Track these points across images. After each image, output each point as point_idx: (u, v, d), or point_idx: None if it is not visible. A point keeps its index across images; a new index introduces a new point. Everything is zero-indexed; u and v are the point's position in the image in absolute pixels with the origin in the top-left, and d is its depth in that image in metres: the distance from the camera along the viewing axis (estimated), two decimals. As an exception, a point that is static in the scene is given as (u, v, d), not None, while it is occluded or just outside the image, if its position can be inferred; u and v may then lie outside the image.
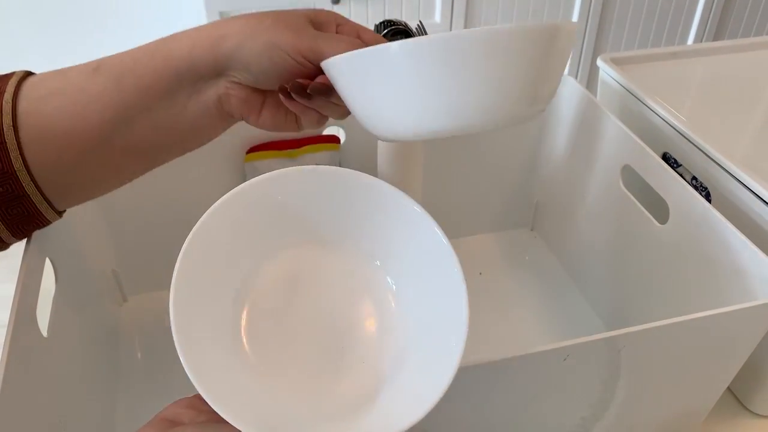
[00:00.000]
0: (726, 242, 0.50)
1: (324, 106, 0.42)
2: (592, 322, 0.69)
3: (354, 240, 0.41)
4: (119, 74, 0.41)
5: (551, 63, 0.37)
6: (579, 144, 0.68)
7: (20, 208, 0.42)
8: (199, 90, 0.42)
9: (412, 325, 0.40)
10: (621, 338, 0.42)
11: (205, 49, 0.40)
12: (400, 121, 0.37)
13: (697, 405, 0.53)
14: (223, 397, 0.33)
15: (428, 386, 0.35)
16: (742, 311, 0.44)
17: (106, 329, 0.64)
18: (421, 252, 0.39)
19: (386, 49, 0.35)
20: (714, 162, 0.58)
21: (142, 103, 0.41)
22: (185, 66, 0.41)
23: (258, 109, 0.44)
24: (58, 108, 0.40)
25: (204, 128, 0.44)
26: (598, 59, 0.72)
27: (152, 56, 0.41)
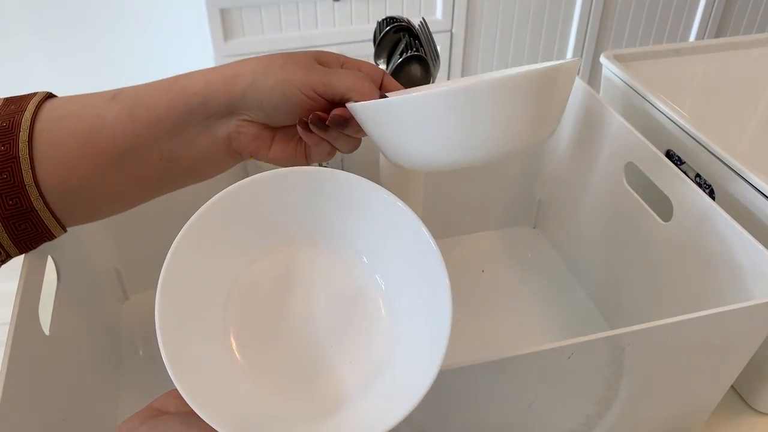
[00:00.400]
0: (730, 240, 0.50)
1: (338, 138, 0.44)
2: (595, 320, 0.69)
3: (342, 239, 0.41)
4: (134, 105, 0.43)
5: (554, 99, 0.40)
6: (582, 141, 0.68)
7: (28, 224, 0.43)
8: (209, 127, 0.44)
9: (399, 325, 0.40)
10: (625, 336, 0.42)
11: (219, 86, 0.42)
12: (421, 156, 0.41)
13: (701, 403, 0.53)
14: (199, 392, 0.33)
15: (412, 386, 0.35)
16: (746, 309, 0.43)
17: (108, 327, 0.64)
18: (408, 251, 0.39)
19: (406, 101, 0.39)
20: (718, 159, 0.58)
21: (153, 134, 0.43)
22: (198, 102, 0.42)
23: (268, 146, 0.45)
24: (73, 130, 0.42)
25: (211, 164, 0.46)
26: (602, 56, 0.72)
27: (167, 90, 0.43)
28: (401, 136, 0.40)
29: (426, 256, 0.38)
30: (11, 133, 0.41)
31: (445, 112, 0.38)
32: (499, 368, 0.41)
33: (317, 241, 0.41)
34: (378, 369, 0.39)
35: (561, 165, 0.72)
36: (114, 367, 0.62)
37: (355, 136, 0.44)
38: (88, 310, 0.57)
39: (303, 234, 0.41)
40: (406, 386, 0.36)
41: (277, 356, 0.39)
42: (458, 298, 0.73)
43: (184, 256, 0.37)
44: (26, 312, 0.44)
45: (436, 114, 0.38)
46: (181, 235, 0.37)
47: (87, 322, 0.57)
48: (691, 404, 0.53)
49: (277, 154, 0.46)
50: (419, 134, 0.40)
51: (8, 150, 0.41)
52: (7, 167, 0.41)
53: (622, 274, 0.65)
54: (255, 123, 0.44)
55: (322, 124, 0.42)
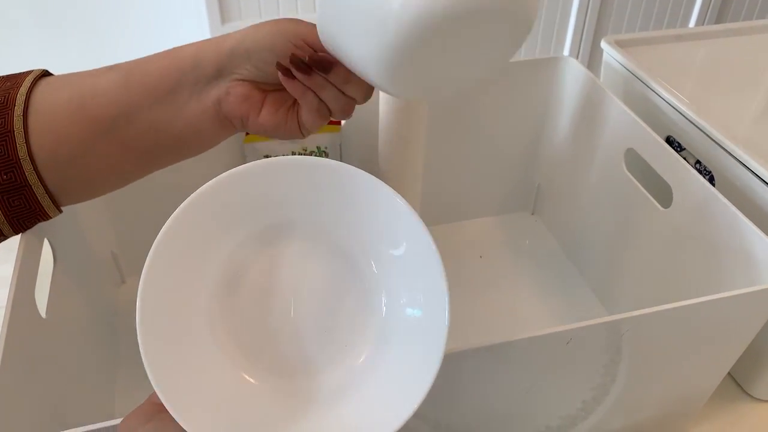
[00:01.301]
0: (730, 226, 0.50)
1: (323, 87, 0.43)
2: (594, 306, 0.69)
3: (336, 229, 0.40)
4: (129, 72, 0.43)
5: None
6: (581, 127, 0.68)
7: (21, 200, 0.43)
8: (200, 92, 0.43)
9: (395, 316, 0.39)
10: (624, 322, 0.42)
11: (210, 48, 0.43)
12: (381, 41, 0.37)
13: (698, 389, 0.53)
14: (181, 395, 0.33)
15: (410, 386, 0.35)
16: (745, 296, 0.43)
17: (105, 311, 0.63)
18: (403, 242, 0.38)
19: None
20: (718, 145, 0.58)
21: (145, 101, 0.43)
22: (189, 65, 0.43)
23: (258, 109, 0.44)
24: (67, 99, 0.43)
25: (201, 132, 0.45)
26: (602, 41, 0.71)
27: (161, 57, 0.44)
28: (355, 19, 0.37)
29: (421, 246, 0.37)
30: (6, 107, 0.41)
31: None
32: (496, 353, 0.41)
33: (309, 232, 0.40)
34: (372, 364, 0.38)
35: (560, 151, 0.72)
36: (111, 351, 0.62)
37: (344, 88, 0.43)
38: (84, 293, 0.57)
39: (295, 224, 0.40)
40: (404, 384, 0.36)
41: (268, 351, 0.38)
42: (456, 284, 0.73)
43: (171, 245, 0.36)
44: (22, 295, 0.43)
45: None
46: (169, 222, 0.35)
47: (84, 306, 0.56)
48: (688, 390, 0.53)
49: (266, 119, 0.44)
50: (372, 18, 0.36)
51: (3, 124, 0.41)
52: (2, 142, 0.41)
53: (621, 260, 0.65)
54: (245, 82, 0.43)
55: (303, 65, 0.41)
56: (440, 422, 0.46)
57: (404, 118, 0.59)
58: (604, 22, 1.79)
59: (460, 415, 0.47)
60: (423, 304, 0.37)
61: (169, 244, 0.35)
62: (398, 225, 0.37)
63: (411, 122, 0.59)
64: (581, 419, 0.50)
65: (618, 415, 0.52)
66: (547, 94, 0.71)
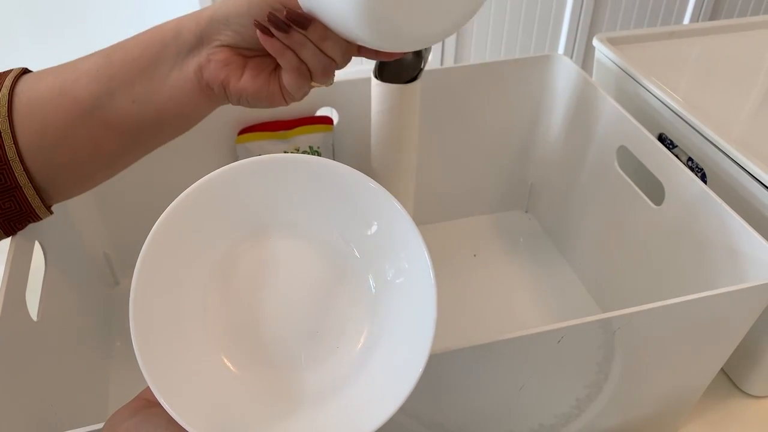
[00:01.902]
0: (721, 223, 0.50)
1: (303, 45, 0.42)
2: (587, 303, 0.69)
3: (325, 226, 0.40)
4: (111, 50, 0.44)
5: None
6: (574, 125, 0.68)
7: (12, 202, 0.43)
8: (182, 62, 0.43)
9: (385, 311, 0.39)
10: (616, 320, 0.42)
11: (190, 18, 0.43)
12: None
13: (691, 386, 0.53)
14: (174, 389, 0.33)
15: (399, 379, 0.35)
16: (736, 293, 0.44)
17: (99, 313, 0.63)
18: (374, 220, 0.38)
19: None
20: (710, 143, 0.58)
21: (127, 76, 0.43)
22: (171, 36, 0.43)
23: (239, 73, 0.44)
24: (49, 87, 0.43)
25: (183, 104, 0.44)
26: (594, 39, 0.71)
27: (142, 33, 0.44)
28: None
29: (409, 241, 0.37)
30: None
31: None
32: (488, 352, 0.41)
33: (298, 228, 0.40)
34: (365, 357, 0.38)
35: (553, 149, 0.72)
36: (105, 353, 0.62)
37: (321, 45, 0.43)
38: (77, 295, 0.57)
39: (285, 221, 0.40)
40: (392, 378, 0.36)
41: (259, 348, 0.38)
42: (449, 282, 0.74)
43: (162, 244, 0.36)
44: (13, 298, 0.43)
45: None
46: (160, 221, 0.36)
47: (76, 308, 0.56)
48: (681, 387, 0.53)
49: (247, 83, 0.44)
50: None
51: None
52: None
53: (614, 257, 0.65)
54: (225, 48, 0.43)
55: (281, 23, 0.41)
56: (434, 421, 0.46)
57: (396, 118, 0.59)
58: (599, 20, 1.79)
59: (453, 414, 0.47)
60: (408, 271, 0.38)
61: (163, 237, 0.36)
62: (368, 204, 0.38)
63: (403, 121, 0.59)
64: (575, 417, 0.51)
65: (612, 413, 0.52)
66: (539, 92, 0.71)
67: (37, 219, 0.45)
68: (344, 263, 0.40)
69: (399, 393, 0.35)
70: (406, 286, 0.38)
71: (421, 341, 0.35)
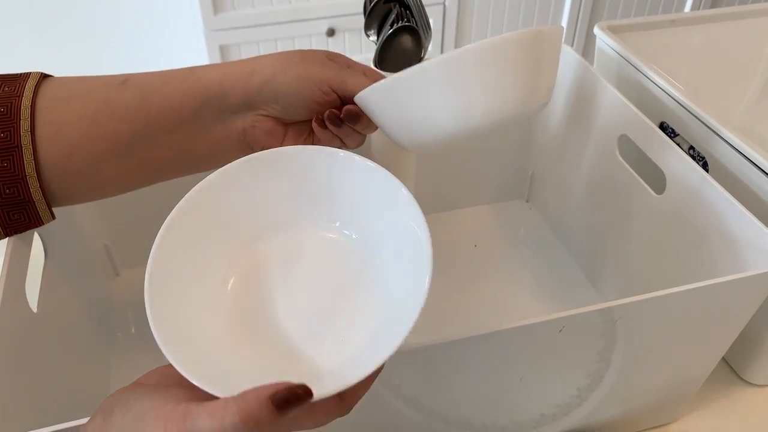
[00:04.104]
0: (723, 212, 0.50)
1: (349, 134, 0.46)
2: (588, 292, 0.69)
3: (328, 213, 0.42)
4: (147, 92, 0.43)
5: (542, 64, 0.42)
6: (575, 113, 0.68)
7: (23, 214, 0.42)
8: (224, 120, 0.44)
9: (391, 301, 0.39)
10: (617, 309, 0.42)
11: (237, 81, 0.43)
12: (421, 133, 0.43)
13: (692, 374, 0.53)
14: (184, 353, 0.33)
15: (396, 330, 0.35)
16: (738, 281, 0.43)
17: (99, 304, 0.63)
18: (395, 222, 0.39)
19: (404, 77, 0.41)
20: (712, 131, 0.57)
21: (165, 123, 0.43)
22: (215, 94, 0.43)
23: (280, 141, 0.46)
24: (78, 112, 0.42)
25: (222, 155, 0.46)
26: (595, 27, 0.71)
27: (183, 80, 0.43)
28: (405, 113, 0.42)
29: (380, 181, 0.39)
30: (11, 120, 0.40)
31: (443, 81, 0.40)
32: (489, 342, 0.41)
33: (307, 221, 0.42)
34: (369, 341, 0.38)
35: (554, 138, 0.72)
36: (105, 345, 0.62)
37: (364, 132, 0.46)
38: (77, 286, 0.57)
39: (292, 214, 0.42)
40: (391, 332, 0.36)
41: (270, 333, 0.39)
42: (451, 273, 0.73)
43: (177, 236, 0.37)
44: (12, 289, 0.43)
45: (435, 84, 0.40)
46: (173, 214, 0.37)
47: (76, 299, 0.56)
48: (682, 376, 0.53)
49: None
50: (422, 107, 0.41)
51: (9, 138, 0.40)
52: (8, 156, 0.40)
53: (615, 247, 0.65)
54: (270, 118, 0.45)
55: (337, 120, 0.44)
56: (434, 411, 0.46)
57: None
58: (600, 8, 1.78)
59: (454, 404, 0.47)
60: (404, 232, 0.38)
61: (175, 235, 0.37)
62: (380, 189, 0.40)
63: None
64: (576, 407, 0.51)
65: (613, 402, 0.52)
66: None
67: (40, 224, 0.45)
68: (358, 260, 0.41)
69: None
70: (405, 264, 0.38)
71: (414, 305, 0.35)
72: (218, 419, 0.28)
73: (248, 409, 0.28)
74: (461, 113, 0.41)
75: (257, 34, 1.56)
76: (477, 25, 1.72)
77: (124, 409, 0.31)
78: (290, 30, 1.57)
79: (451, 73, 0.40)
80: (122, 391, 0.33)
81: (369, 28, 0.60)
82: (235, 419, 0.28)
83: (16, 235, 0.45)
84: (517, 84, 0.41)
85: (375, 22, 0.59)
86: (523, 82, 0.41)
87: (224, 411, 0.28)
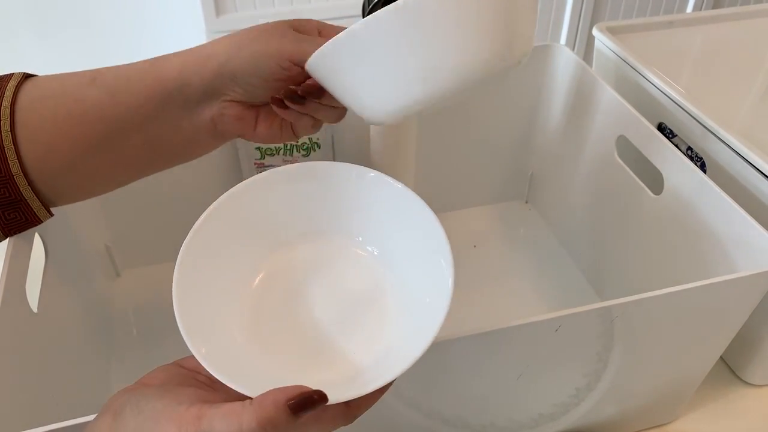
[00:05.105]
0: (721, 213, 0.50)
1: (317, 109, 0.43)
2: (587, 293, 0.69)
3: (347, 227, 0.42)
4: (114, 90, 0.42)
5: (514, 14, 0.37)
6: (574, 115, 0.68)
7: (18, 213, 0.42)
8: (192, 111, 0.43)
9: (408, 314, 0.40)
10: (614, 308, 0.42)
11: (194, 70, 0.41)
12: (386, 98, 0.38)
13: (690, 374, 0.53)
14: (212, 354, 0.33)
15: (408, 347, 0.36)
16: (735, 281, 0.44)
17: (100, 305, 0.63)
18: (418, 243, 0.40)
19: (352, 33, 0.36)
20: (710, 132, 0.58)
21: (135, 119, 0.42)
22: (175, 87, 0.42)
23: (252, 125, 0.45)
24: (53, 112, 0.41)
25: (197, 146, 0.45)
26: (594, 28, 0.71)
27: (143, 76, 0.42)
28: (362, 78, 0.38)
29: (427, 232, 0.39)
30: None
31: (401, 31, 0.35)
32: (486, 341, 0.41)
33: (324, 233, 0.43)
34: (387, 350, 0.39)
35: (553, 139, 0.72)
36: (106, 346, 0.62)
37: (334, 104, 0.43)
38: (77, 287, 0.57)
39: (316, 226, 0.42)
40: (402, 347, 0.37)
41: (290, 338, 0.39)
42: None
43: (204, 240, 0.38)
44: (13, 289, 0.43)
45: (394, 36, 0.35)
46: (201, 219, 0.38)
47: (77, 300, 0.56)
48: (680, 375, 0.53)
49: (263, 133, 0.45)
50: (381, 68, 0.37)
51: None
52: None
53: (614, 247, 0.65)
54: (236, 102, 0.43)
55: (297, 98, 0.41)
56: (432, 409, 0.46)
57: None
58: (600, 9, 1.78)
59: (452, 403, 0.47)
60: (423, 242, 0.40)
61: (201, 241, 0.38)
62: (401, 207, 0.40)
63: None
64: (574, 406, 0.51)
65: (611, 402, 0.52)
66: (539, 82, 0.70)
67: (39, 223, 0.45)
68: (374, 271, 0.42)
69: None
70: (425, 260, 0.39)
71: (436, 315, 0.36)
72: (235, 423, 0.29)
73: (265, 413, 0.29)
74: (428, 71, 0.36)
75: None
76: (478, 26, 1.72)
77: (135, 410, 0.31)
78: (291, 31, 1.58)
79: (411, 21, 0.35)
80: (128, 391, 0.33)
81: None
82: (253, 424, 0.29)
83: (16, 235, 0.46)
84: (489, 28, 0.35)
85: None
86: (496, 24, 0.36)
87: (241, 415, 0.29)
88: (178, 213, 0.52)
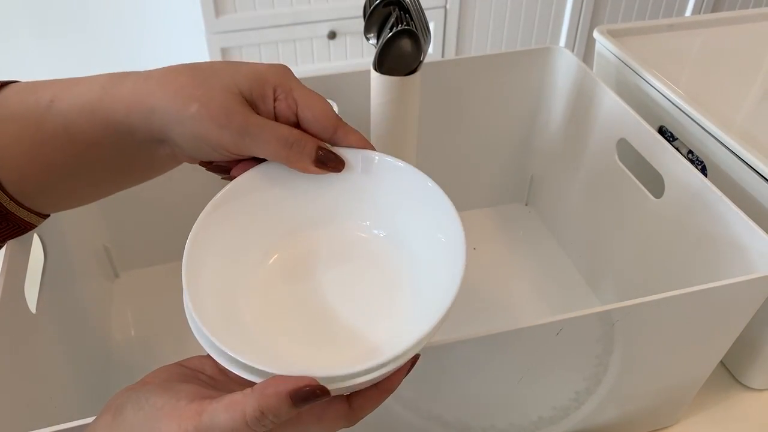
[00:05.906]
0: (721, 216, 0.50)
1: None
2: (587, 296, 0.69)
3: (361, 215, 0.43)
4: (68, 122, 0.40)
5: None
6: (574, 117, 0.68)
7: (8, 223, 0.42)
8: (148, 148, 0.41)
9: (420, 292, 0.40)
10: (614, 312, 0.42)
11: (139, 119, 0.39)
12: None
13: (691, 378, 0.53)
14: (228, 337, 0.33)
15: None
16: (736, 285, 0.43)
17: (98, 305, 0.63)
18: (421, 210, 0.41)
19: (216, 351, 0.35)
20: (710, 135, 0.58)
21: (93, 155, 0.41)
22: (125, 130, 0.40)
23: (210, 160, 0.43)
24: (17, 137, 0.40)
25: (163, 170, 0.44)
26: (595, 31, 0.71)
27: (95, 110, 0.39)
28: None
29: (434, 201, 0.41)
30: None
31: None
32: (488, 344, 0.41)
33: (333, 218, 0.43)
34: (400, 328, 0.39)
35: (553, 141, 0.72)
36: (105, 346, 0.62)
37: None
38: (76, 288, 0.57)
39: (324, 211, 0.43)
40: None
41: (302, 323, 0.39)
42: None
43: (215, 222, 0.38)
44: (12, 290, 0.43)
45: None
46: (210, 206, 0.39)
47: (75, 300, 0.56)
48: (680, 379, 0.53)
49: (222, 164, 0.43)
50: None
51: None
52: None
53: (614, 250, 0.65)
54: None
55: (226, 172, 0.42)
56: (433, 413, 0.46)
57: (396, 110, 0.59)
58: (600, 12, 1.78)
59: (452, 406, 0.47)
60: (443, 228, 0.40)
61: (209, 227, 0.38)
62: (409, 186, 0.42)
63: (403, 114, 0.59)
64: (574, 410, 0.51)
65: (611, 405, 0.52)
66: (539, 84, 0.70)
67: (34, 228, 0.44)
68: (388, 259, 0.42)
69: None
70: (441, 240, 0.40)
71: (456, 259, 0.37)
72: (239, 411, 0.29)
73: (267, 402, 0.30)
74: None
75: (259, 37, 1.56)
76: (478, 28, 1.72)
77: (135, 407, 0.31)
78: (292, 33, 1.58)
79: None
80: (130, 389, 0.33)
81: (369, 32, 0.60)
82: (256, 413, 0.29)
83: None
84: None
85: (375, 25, 0.60)
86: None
87: (243, 404, 0.30)
88: (177, 214, 0.52)
